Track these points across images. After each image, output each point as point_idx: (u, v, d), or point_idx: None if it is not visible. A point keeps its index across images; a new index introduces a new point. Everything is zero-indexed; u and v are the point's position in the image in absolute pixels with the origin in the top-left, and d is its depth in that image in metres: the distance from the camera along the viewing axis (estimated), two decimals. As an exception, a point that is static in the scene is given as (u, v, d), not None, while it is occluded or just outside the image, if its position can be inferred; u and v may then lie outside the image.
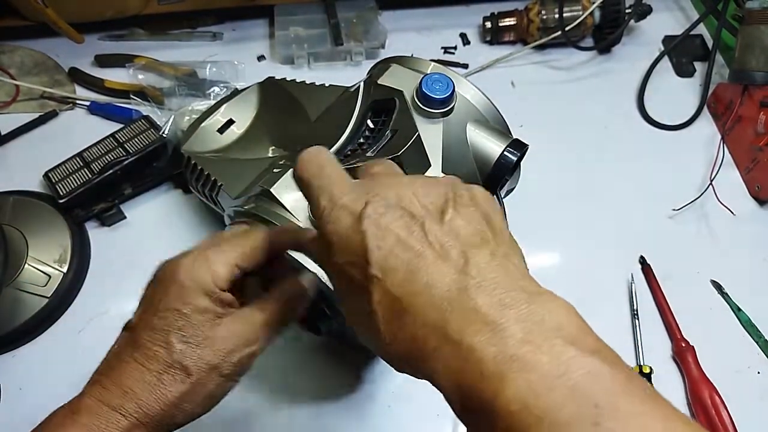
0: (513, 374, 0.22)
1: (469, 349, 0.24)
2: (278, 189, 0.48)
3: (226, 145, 0.64)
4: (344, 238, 0.28)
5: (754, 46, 0.71)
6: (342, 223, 0.28)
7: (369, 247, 0.27)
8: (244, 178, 0.56)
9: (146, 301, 0.37)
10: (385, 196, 0.29)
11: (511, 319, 0.24)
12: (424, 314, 0.26)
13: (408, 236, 0.27)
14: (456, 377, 0.24)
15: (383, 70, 0.55)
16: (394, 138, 0.51)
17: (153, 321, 0.35)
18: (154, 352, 0.35)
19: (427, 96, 0.50)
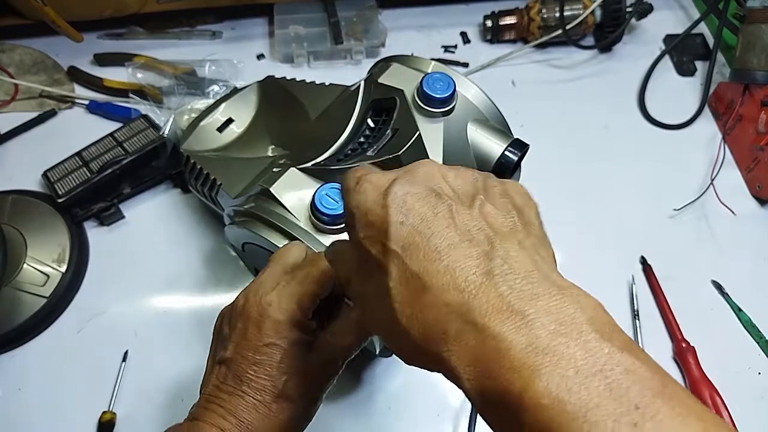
0: (545, 367, 0.21)
1: (496, 336, 0.22)
2: (278, 188, 0.48)
3: (226, 144, 0.64)
4: (367, 211, 0.28)
5: (755, 45, 0.71)
6: (367, 196, 0.28)
7: (391, 221, 0.26)
8: (243, 178, 0.56)
9: (237, 336, 0.39)
10: (413, 175, 0.28)
11: (541, 311, 0.23)
12: (445, 295, 0.24)
13: (434, 216, 0.26)
14: (478, 366, 0.23)
15: (384, 69, 0.55)
16: (394, 137, 0.51)
17: (254, 356, 0.38)
18: (262, 385, 0.37)
19: (427, 95, 0.50)
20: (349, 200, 0.29)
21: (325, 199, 0.46)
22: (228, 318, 0.41)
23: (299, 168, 0.50)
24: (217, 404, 0.37)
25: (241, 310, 0.39)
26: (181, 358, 0.60)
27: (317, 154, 0.52)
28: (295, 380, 0.37)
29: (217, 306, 0.63)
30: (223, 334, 0.40)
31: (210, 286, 0.65)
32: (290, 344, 0.38)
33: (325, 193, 0.46)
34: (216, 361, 0.40)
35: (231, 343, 0.39)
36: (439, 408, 0.58)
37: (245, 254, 0.56)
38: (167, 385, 0.58)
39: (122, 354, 0.60)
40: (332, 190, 0.46)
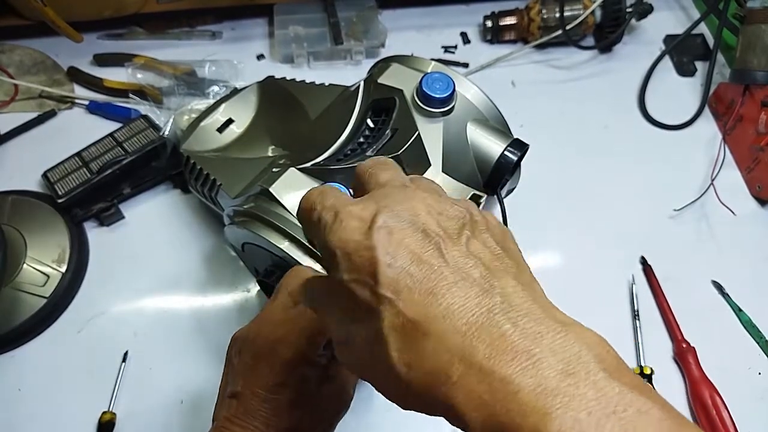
0: (557, 409, 0.20)
1: (503, 379, 0.22)
2: (277, 188, 0.48)
3: (226, 144, 0.64)
4: (350, 251, 0.25)
5: (756, 45, 0.71)
6: (348, 233, 0.26)
7: (379, 262, 0.24)
8: (243, 178, 0.56)
9: (245, 370, 0.38)
10: (397, 210, 0.26)
11: (547, 350, 0.22)
12: (446, 340, 0.23)
13: (422, 254, 0.25)
14: (485, 410, 0.22)
15: (383, 69, 0.55)
16: (394, 137, 0.51)
17: (265, 395, 0.37)
18: (275, 423, 0.37)
19: (427, 95, 0.50)
20: (328, 238, 0.26)
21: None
22: (239, 348, 0.40)
23: (298, 168, 0.50)
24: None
25: (251, 344, 0.39)
26: (181, 359, 0.60)
27: (317, 155, 0.52)
28: (308, 415, 0.37)
29: (218, 306, 0.63)
30: (234, 365, 0.40)
31: (210, 286, 0.65)
32: (301, 381, 0.37)
33: None
34: (227, 395, 0.39)
35: (241, 378, 0.38)
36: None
37: (245, 254, 0.56)
38: (167, 386, 0.58)
39: (122, 354, 0.60)
40: None
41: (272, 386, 0.37)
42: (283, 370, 0.37)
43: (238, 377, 0.39)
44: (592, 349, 0.22)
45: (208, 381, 0.58)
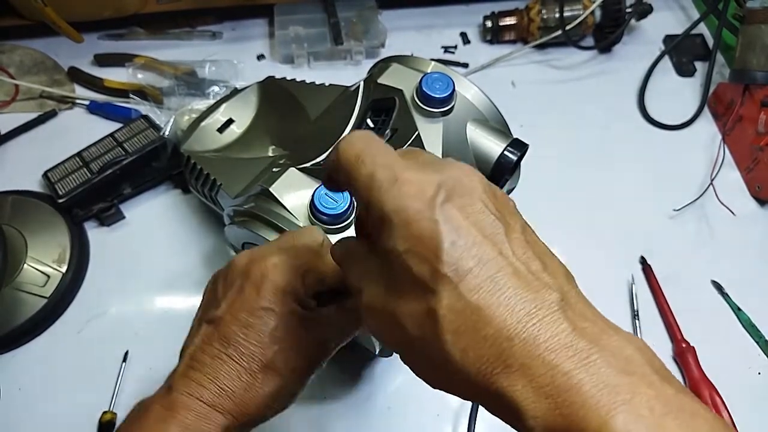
0: (620, 405, 0.21)
1: (567, 373, 0.22)
2: (278, 188, 0.48)
3: (226, 144, 0.64)
4: (410, 220, 0.24)
5: (755, 45, 0.71)
6: (409, 202, 0.24)
7: (442, 239, 0.23)
8: (243, 178, 0.56)
9: (233, 295, 0.36)
10: (459, 185, 0.25)
11: (606, 350, 0.22)
12: (508, 329, 0.23)
13: (485, 239, 0.24)
14: (547, 402, 0.22)
15: (383, 69, 0.55)
16: (393, 137, 0.51)
17: (248, 318, 0.35)
18: (251, 352, 0.35)
19: (427, 95, 0.50)
20: (383, 199, 0.25)
21: (324, 198, 0.46)
22: (224, 277, 0.38)
23: (299, 168, 0.50)
24: (197, 369, 0.35)
25: (243, 269, 0.37)
26: (181, 359, 0.60)
27: (317, 155, 0.52)
28: (285, 352, 0.35)
29: (218, 306, 0.63)
30: (217, 293, 0.38)
31: (210, 286, 0.65)
32: (287, 313, 0.35)
33: (324, 193, 0.46)
34: (204, 320, 0.37)
35: (224, 301, 0.36)
36: (439, 408, 0.58)
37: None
38: (167, 385, 0.58)
39: (123, 354, 0.60)
40: None
41: (257, 309, 0.35)
42: (271, 295, 0.35)
43: (220, 302, 0.36)
44: (643, 353, 0.23)
45: (208, 381, 0.59)
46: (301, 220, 0.47)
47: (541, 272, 0.24)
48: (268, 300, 0.35)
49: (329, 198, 0.46)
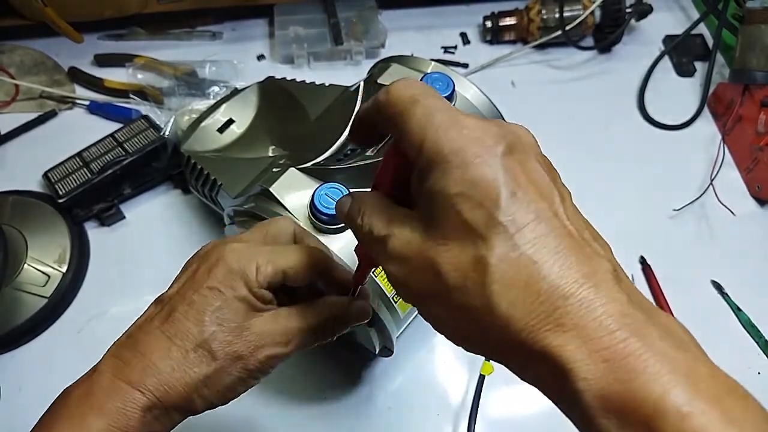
0: (680, 377, 0.21)
1: (625, 340, 0.21)
2: (277, 188, 0.48)
3: (226, 144, 0.64)
4: (469, 162, 0.23)
5: (755, 45, 0.71)
6: (470, 144, 0.23)
7: (504, 187, 0.23)
8: (243, 178, 0.56)
9: (186, 276, 0.36)
10: (521, 142, 0.25)
11: (657, 324, 0.22)
12: (563, 287, 0.22)
13: (544, 196, 0.24)
14: (603, 365, 0.21)
15: (383, 69, 0.55)
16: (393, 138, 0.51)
17: (192, 296, 0.34)
18: (186, 328, 0.33)
19: None
20: (442, 140, 0.24)
21: (324, 198, 0.46)
22: (185, 264, 0.38)
23: (299, 168, 0.50)
24: (128, 347, 0.34)
25: (203, 254, 0.37)
26: (181, 358, 0.60)
27: (317, 155, 0.52)
28: (224, 335, 0.33)
29: (218, 306, 0.63)
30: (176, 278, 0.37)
31: (210, 286, 0.65)
32: (234, 298, 0.34)
33: (324, 193, 0.46)
34: (153, 301, 0.36)
35: (177, 282, 0.36)
36: (439, 408, 0.58)
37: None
38: (168, 385, 0.58)
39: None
40: (331, 189, 0.46)
41: (203, 287, 0.34)
42: (221, 276, 0.34)
43: (174, 284, 0.36)
44: (690, 335, 0.24)
45: (208, 381, 0.59)
46: (301, 220, 0.47)
47: (592, 241, 0.24)
48: (217, 280, 0.34)
49: (329, 198, 0.46)
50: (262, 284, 0.34)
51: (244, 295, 0.34)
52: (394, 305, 0.49)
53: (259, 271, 0.34)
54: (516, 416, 0.58)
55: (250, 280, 0.34)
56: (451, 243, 0.24)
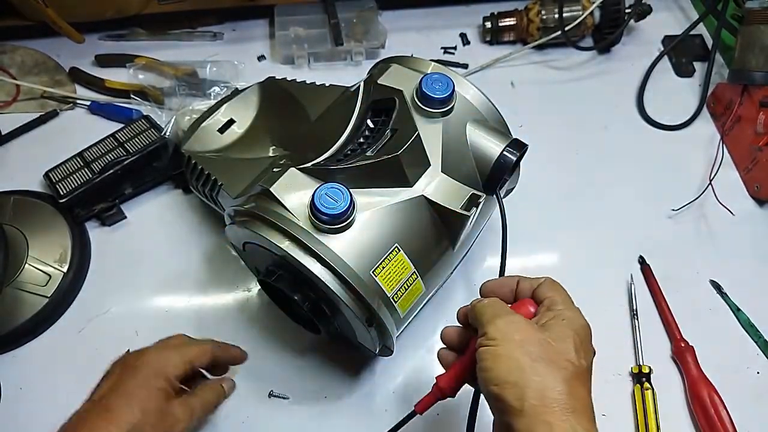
0: None
1: None
2: (278, 188, 0.48)
3: (227, 144, 0.64)
4: None
5: (754, 45, 0.71)
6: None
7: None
8: (244, 178, 0.56)
9: (114, 379, 0.47)
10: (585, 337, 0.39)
11: None
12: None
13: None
14: None
15: (383, 70, 0.55)
16: (393, 137, 0.51)
17: (125, 391, 0.45)
18: (125, 415, 0.44)
19: (426, 95, 0.51)
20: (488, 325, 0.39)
21: (324, 198, 0.46)
22: (105, 374, 0.49)
23: (299, 168, 0.50)
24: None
25: (123, 362, 0.48)
26: (182, 358, 0.60)
27: (317, 155, 0.53)
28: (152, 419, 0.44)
29: (219, 305, 0.64)
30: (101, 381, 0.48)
31: (211, 285, 0.65)
32: (157, 389, 0.45)
33: (325, 193, 0.46)
34: (88, 400, 0.47)
35: (105, 383, 0.47)
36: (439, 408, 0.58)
37: (246, 254, 0.57)
38: (168, 385, 0.59)
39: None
40: (332, 189, 0.46)
41: (133, 387, 0.45)
42: (146, 376, 0.46)
43: (103, 384, 0.47)
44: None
45: (209, 380, 0.59)
46: (301, 220, 0.47)
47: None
48: (143, 380, 0.46)
49: (329, 198, 0.46)
50: (179, 376, 0.47)
51: (163, 387, 0.46)
52: (394, 305, 0.49)
53: (174, 367, 0.47)
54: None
55: (167, 375, 0.46)
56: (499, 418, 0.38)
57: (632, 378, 0.60)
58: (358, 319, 0.47)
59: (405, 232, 0.49)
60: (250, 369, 0.59)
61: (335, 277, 0.46)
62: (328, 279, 0.46)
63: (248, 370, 0.59)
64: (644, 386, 0.58)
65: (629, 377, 0.60)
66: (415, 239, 0.49)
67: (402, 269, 0.49)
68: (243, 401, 0.58)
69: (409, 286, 0.50)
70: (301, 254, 0.46)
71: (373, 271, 0.47)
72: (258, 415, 0.58)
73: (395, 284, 0.49)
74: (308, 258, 0.46)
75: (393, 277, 0.48)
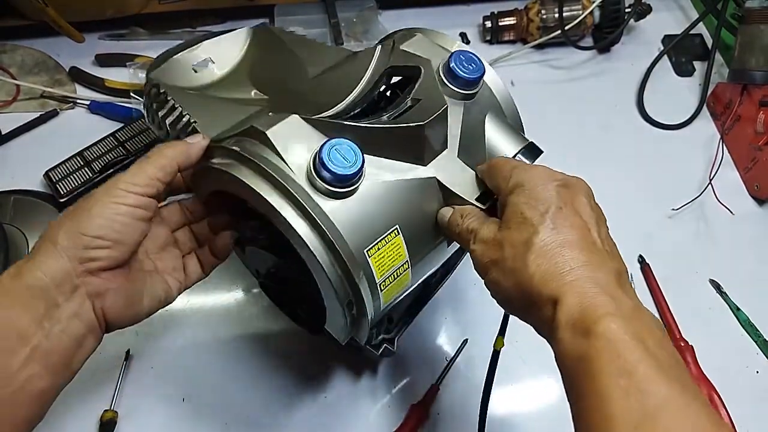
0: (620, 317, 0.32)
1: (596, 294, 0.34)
2: (276, 133, 0.40)
3: (201, 85, 0.56)
4: (534, 186, 0.38)
5: (754, 45, 0.71)
6: (537, 178, 0.39)
7: (553, 202, 0.37)
8: (223, 120, 0.48)
9: None
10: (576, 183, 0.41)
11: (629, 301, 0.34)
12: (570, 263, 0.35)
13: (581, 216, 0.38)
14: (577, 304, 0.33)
15: (407, 37, 0.51)
16: (416, 107, 0.45)
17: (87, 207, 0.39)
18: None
19: (454, 73, 0.46)
20: (522, 175, 0.39)
21: (334, 154, 0.39)
22: None
23: (303, 117, 0.42)
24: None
25: None
26: (182, 358, 0.60)
27: (315, 113, 0.46)
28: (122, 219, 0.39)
29: (219, 305, 0.64)
30: None
31: (211, 285, 0.65)
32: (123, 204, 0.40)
33: (335, 148, 0.39)
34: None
35: None
36: (439, 407, 0.59)
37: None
38: (168, 384, 0.59)
39: (124, 353, 0.60)
40: (344, 146, 0.39)
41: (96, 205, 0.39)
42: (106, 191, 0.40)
43: None
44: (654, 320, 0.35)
45: (209, 380, 0.59)
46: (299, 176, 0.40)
47: (608, 253, 0.36)
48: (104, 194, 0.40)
49: (339, 155, 0.39)
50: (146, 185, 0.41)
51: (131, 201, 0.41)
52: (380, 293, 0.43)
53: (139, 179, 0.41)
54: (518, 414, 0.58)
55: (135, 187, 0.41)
56: (513, 229, 0.37)
57: (632, 377, 0.60)
58: (338, 301, 0.41)
59: (408, 214, 0.43)
60: (250, 369, 0.59)
61: (326, 247, 0.39)
62: (317, 247, 0.39)
63: (248, 371, 0.59)
64: (644, 385, 0.58)
65: (629, 376, 0.60)
66: (416, 224, 0.43)
67: (396, 255, 0.42)
68: (243, 401, 0.58)
69: (399, 275, 0.43)
70: (291, 213, 0.39)
71: (367, 250, 0.40)
72: (258, 415, 0.58)
73: (386, 270, 0.42)
74: (299, 220, 0.39)
75: (386, 261, 0.42)
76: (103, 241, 0.38)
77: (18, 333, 0.36)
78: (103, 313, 0.39)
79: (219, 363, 0.60)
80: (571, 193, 0.38)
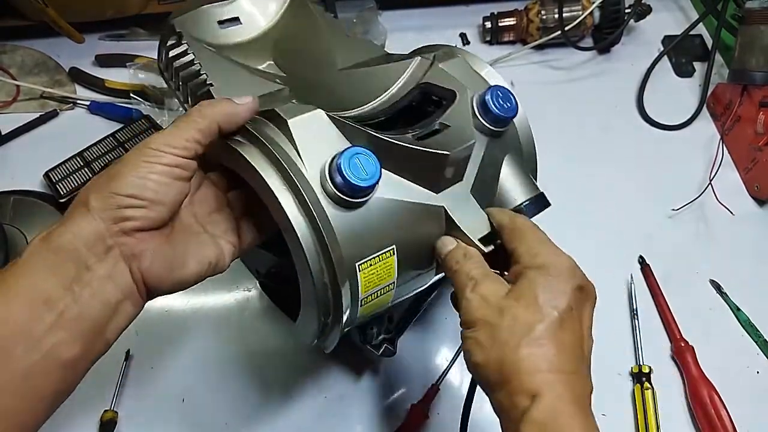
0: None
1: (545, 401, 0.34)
2: (297, 125, 0.39)
3: (220, 44, 0.53)
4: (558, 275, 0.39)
5: (754, 45, 0.71)
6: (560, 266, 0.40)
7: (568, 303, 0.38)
8: (238, 89, 0.45)
9: None
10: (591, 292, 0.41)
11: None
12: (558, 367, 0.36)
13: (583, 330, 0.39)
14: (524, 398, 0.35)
15: (449, 56, 0.50)
16: (444, 132, 0.44)
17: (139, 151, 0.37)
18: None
19: (488, 107, 0.45)
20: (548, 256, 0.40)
21: (354, 164, 0.37)
22: None
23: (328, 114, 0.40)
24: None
25: None
26: (182, 358, 0.60)
27: (335, 108, 0.45)
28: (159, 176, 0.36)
29: (219, 305, 0.64)
30: None
31: (211, 285, 0.64)
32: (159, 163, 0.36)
33: (357, 158, 0.38)
34: None
35: None
36: (439, 407, 0.59)
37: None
38: (169, 384, 0.59)
39: (124, 353, 0.60)
40: (365, 158, 0.38)
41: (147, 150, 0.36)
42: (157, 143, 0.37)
43: None
44: None
45: (209, 380, 0.59)
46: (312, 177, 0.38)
47: (588, 370, 0.38)
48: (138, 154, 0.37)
49: (360, 166, 0.37)
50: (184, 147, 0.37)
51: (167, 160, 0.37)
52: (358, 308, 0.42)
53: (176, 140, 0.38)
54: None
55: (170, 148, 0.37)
56: (521, 305, 0.37)
57: (632, 378, 0.60)
58: (316, 306, 0.40)
59: (408, 237, 0.42)
60: (250, 369, 0.59)
61: (320, 252, 0.38)
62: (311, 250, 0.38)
63: (248, 371, 0.59)
64: (644, 386, 0.58)
65: (629, 377, 0.60)
66: (412, 248, 0.43)
67: (386, 274, 0.42)
68: (243, 401, 0.58)
69: (382, 294, 0.42)
70: (294, 210, 0.38)
71: (359, 264, 0.39)
72: (259, 415, 0.58)
73: (372, 287, 0.41)
74: (301, 218, 0.38)
75: (374, 279, 0.41)
76: (138, 200, 0.35)
77: (43, 297, 0.33)
78: (141, 276, 0.36)
79: (219, 363, 0.60)
80: (584, 298, 0.39)
